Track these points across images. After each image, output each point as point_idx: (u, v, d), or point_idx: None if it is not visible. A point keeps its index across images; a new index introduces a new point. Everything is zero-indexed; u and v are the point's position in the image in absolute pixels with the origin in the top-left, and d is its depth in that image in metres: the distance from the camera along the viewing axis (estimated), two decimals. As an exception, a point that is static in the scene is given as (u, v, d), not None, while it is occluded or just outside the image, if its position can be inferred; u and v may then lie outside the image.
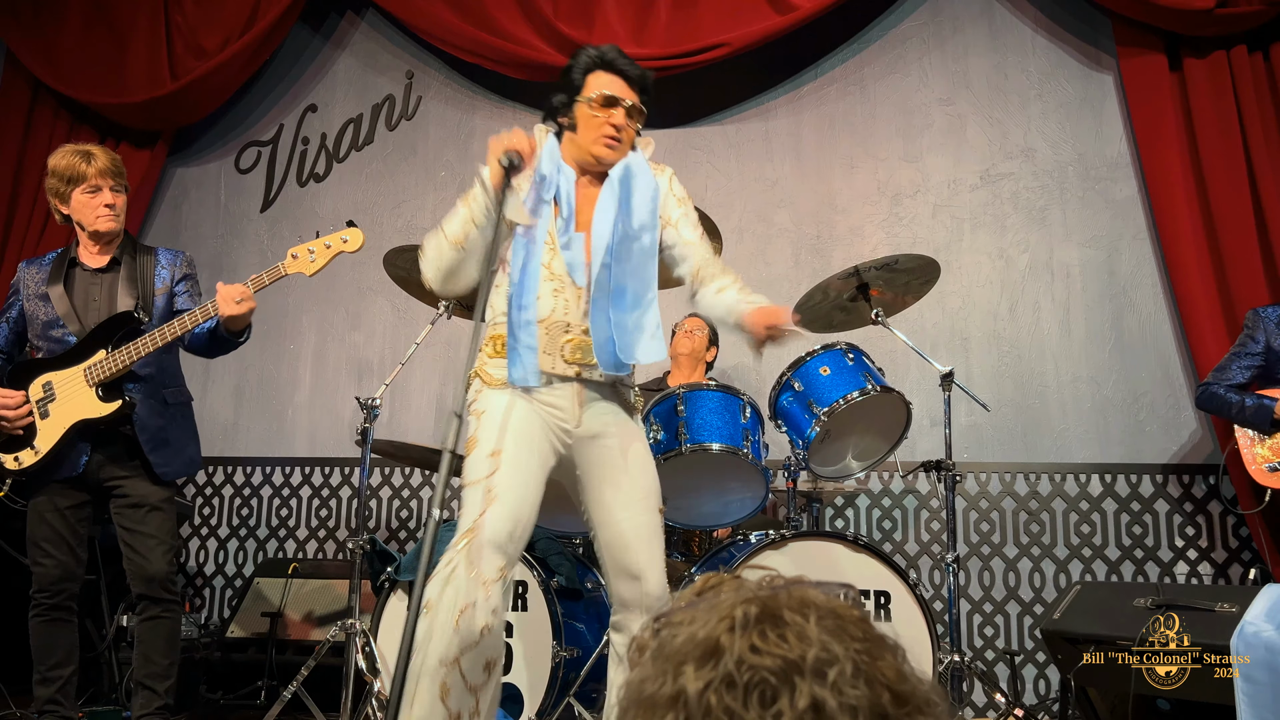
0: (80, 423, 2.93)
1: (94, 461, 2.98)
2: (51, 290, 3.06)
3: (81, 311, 3.04)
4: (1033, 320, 4.39)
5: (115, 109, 5.06)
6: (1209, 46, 4.21)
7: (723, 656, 0.66)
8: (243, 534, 4.92)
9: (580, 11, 4.71)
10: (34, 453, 2.94)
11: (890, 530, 4.36)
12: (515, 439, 2.20)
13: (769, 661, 0.65)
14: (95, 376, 2.94)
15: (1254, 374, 3.66)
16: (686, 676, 0.66)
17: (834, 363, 3.21)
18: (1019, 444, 4.31)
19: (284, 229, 5.13)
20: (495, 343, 2.29)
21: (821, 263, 4.53)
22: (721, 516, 3.33)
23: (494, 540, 2.09)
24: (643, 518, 2.29)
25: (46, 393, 2.97)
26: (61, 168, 3.04)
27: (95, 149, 3.08)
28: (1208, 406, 3.73)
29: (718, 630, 0.68)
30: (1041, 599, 4.17)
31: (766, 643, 0.66)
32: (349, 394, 4.86)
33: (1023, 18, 4.61)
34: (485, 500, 2.12)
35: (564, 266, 2.27)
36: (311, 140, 5.20)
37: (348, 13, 5.28)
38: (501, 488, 2.13)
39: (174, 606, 3.04)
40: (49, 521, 2.98)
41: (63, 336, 3.02)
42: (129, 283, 3.08)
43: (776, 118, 4.76)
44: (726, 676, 0.65)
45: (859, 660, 0.66)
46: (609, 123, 2.30)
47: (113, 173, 3.06)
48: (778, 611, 0.68)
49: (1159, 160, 4.21)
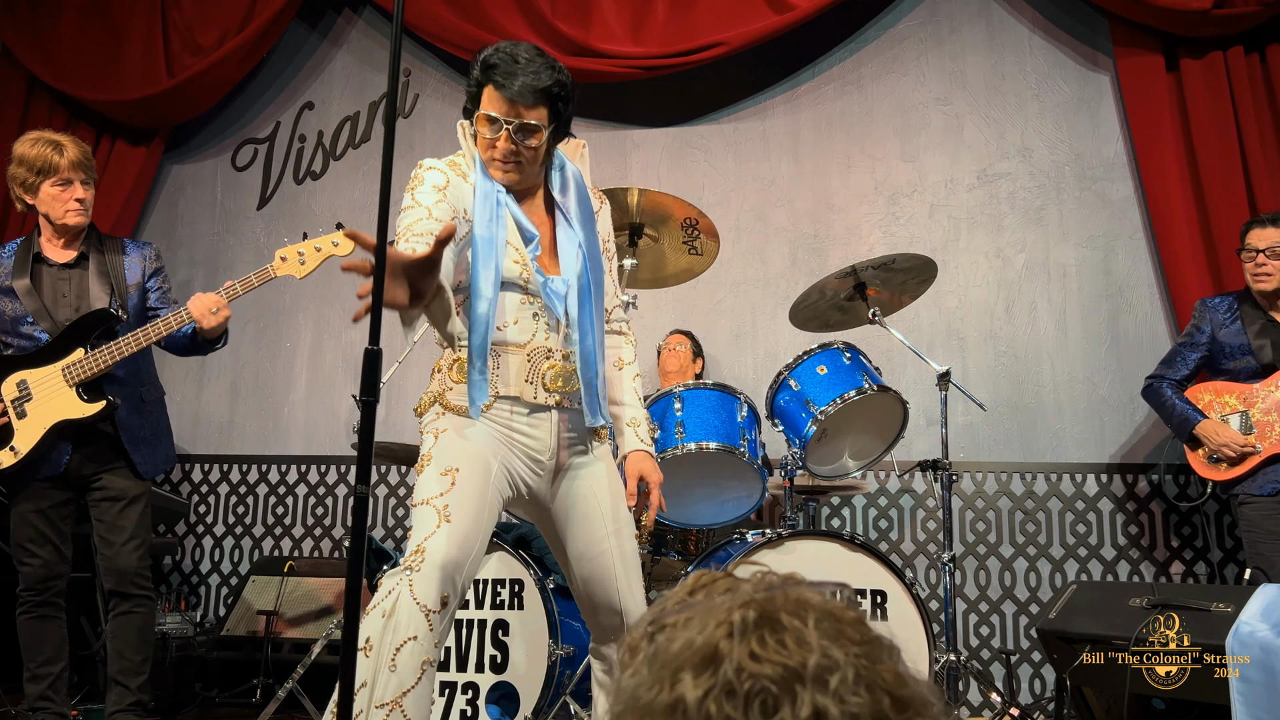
0: (62, 423, 2.90)
1: (75, 460, 2.96)
2: (17, 284, 2.99)
3: (52, 308, 2.99)
4: (1029, 320, 4.40)
5: (111, 105, 5.05)
6: (1206, 47, 4.22)
7: (722, 664, 0.65)
8: (238, 532, 4.91)
9: (577, 10, 4.71)
10: (13, 454, 2.90)
11: (886, 529, 4.36)
12: (473, 462, 2.02)
13: (769, 669, 0.64)
14: (75, 376, 2.90)
15: (1198, 364, 3.71)
16: (685, 684, 0.65)
17: (831, 362, 3.22)
18: (1015, 444, 4.32)
19: (280, 227, 5.12)
20: (463, 365, 2.09)
21: (818, 262, 4.53)
22: (718, 515, 3.33)
23: (442, 565, 1.88)
24: (621, 549, 2.18)
25: (22, 391, 2.92)
26: (31, 157, 2.96)
27: (65, 139, 3.01)
28: (1149, 401, 3.80)
29: (716, 636, 0.67)
30: (1037, 598, 4.18)
31: (766, 649, 0.65)
32: (345, 392, 4.86)
33: (1020, 18, 4.61)
34: (437, 520, 1.94)
35: (538, 288, 2.10)
36: (308, 138, 5.19)
37: (345, 10, 5.27)
38: (455, 510, 1.95)
39: (145, 601, 3.02)
40: (32, 522, 2.96)
41: (33, 333, 2.96)
42: (100, 278, 3.04)
43: (774, 117, 4.76)
44: (726, 685, 0.64)
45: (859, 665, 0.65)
46: (493, 145, 2.07)
47: (84, 165, 3.01)
48: (775, 615, 0.67)
49: (1155, 161, 4.22)
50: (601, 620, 2.21)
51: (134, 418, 3.03)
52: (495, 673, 3.05)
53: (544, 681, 2.97)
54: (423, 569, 1.89)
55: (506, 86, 2.03)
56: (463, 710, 3.04)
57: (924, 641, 2.97)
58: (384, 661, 1.84)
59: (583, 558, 2.17)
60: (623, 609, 2.17)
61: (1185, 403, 3.63)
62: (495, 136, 2.07)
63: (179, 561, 4.92)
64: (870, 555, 3.06)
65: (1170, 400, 3.66)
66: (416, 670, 1.85)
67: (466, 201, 2.10)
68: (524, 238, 2.11)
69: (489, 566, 3.12)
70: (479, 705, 3.04)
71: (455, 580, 1.91)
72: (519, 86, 2.02)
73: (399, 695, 1.84)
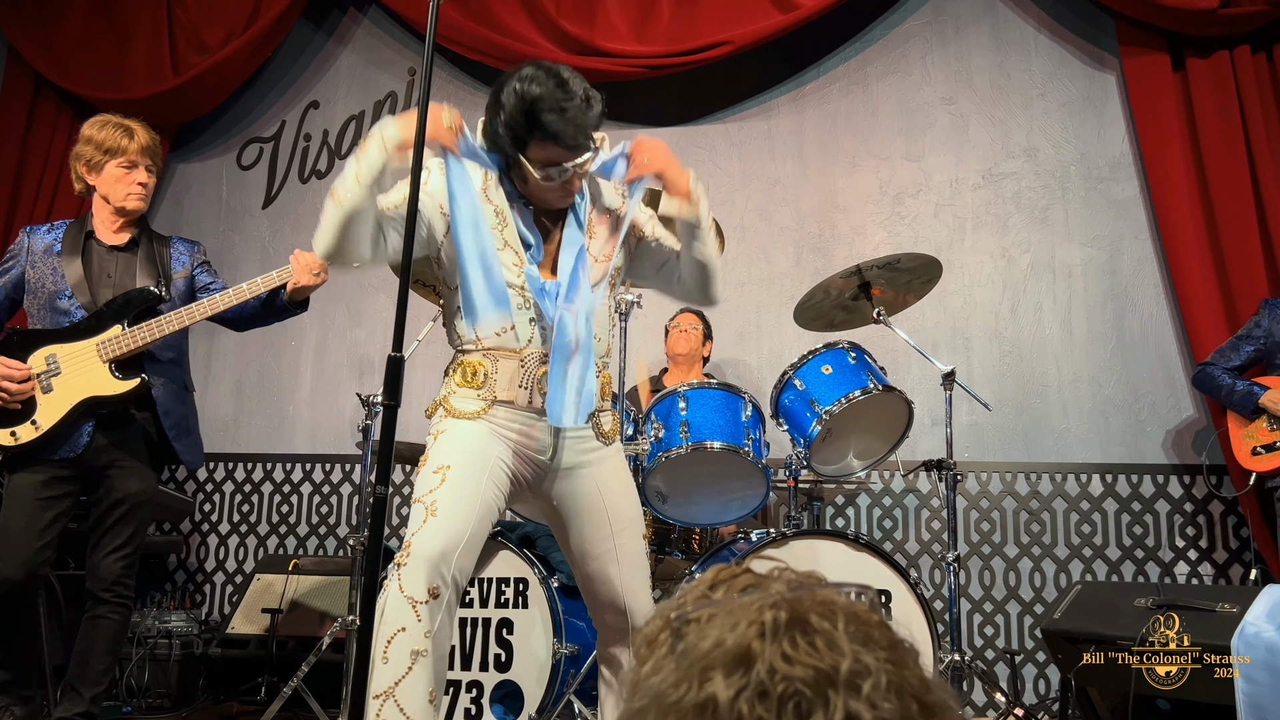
0: (90, 399, 2.80)
1: (95, 443, 2.84)
2: (65, 260, 2.93)
3: (95, 284, 2.93)
4: (1034, 320, 4.39)
5: (117, 104, 5.03)
6: (1212, 46, 4.21)
7: (754, 665, 0.64)
8: (243, 530, 4.92)
9: (583, 9, 4.71)
10: (35, 428, 2.78)
11: (891, 529, 4.36)
12: (466, 457, 2.07)
13: (801, 672, 0.63)
14: (109, 352, 2.82)
15: (1251, 358, 3.78)
16: (716, 684, 0.64)
17: (836, 361, 3.21)
18: (1020, 444, 4.32)
19: (286, 225, 5.13)
20: (464, 370, 2.13)
21: (823, 261, 4.53)
22: (722, 514, 3.33)
23: (427, 556, 1.94)
24: (622, 549, 2.18)
25: (50, 365, 2.82)
26: (101, 138, 2.95)
27: (136, 125, 3.01)
28: (1202, 386, 3.87)
29: (748, 636, 0.66)
30: (1042, 599, 4.18)
31: (798, 651, 0.64)
32: (350, 390, 4.86)
33: (1025, 17, 4.60)
34: (424, 516, 2.00)
35: (534, 293, 2.11)
36: (314, 137, 5.20)
37: (350, 9, 5.28)
38: (441, 504, 2.00)
39: (121, 609, 2.89)
40: (26, 509, 2.78)
41: (69, 308, 2.88)
42: (148, 262, 3.00)
43: (779, 116, 4.76)
44: (759, 686, 0.64)
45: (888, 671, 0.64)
46: (562, 184, 2.09)
47: (151, 152, 3.01)
48: (805, 616, 0.66)
49: (1161, 160, 4.21)
50: (607, 620, 2.22)
51: (177, 406, 2.95)
52: (499, 671, 3.06)
53: (548, 680, 2.97)
54: (409, 562, 1.95)
55: (563, 139, 2.02)
56: (467, 709, 3.04)
57: (928, 642, 2.97)
58: (378, 654, 1.92)
59: (586, 557, 2.19)
60: (627, 609, 2.18)
61: (1243, 380, 3.73)
62: (562, 179, 2.07)
63: (184, 559, 4.93)
64: (875, 555, 3.05)
65: (1227, 381, 3.75)
66: (407, 660, 1.91)
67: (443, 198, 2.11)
68: (524, 244, 2.13)
69: (493, 565, 3.13)
70: (483, 704, 3.04)
71: (443, 571, 1.95)
72: (573, 133, 2.03)
73: (391, 685, 1.90)
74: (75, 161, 2.99)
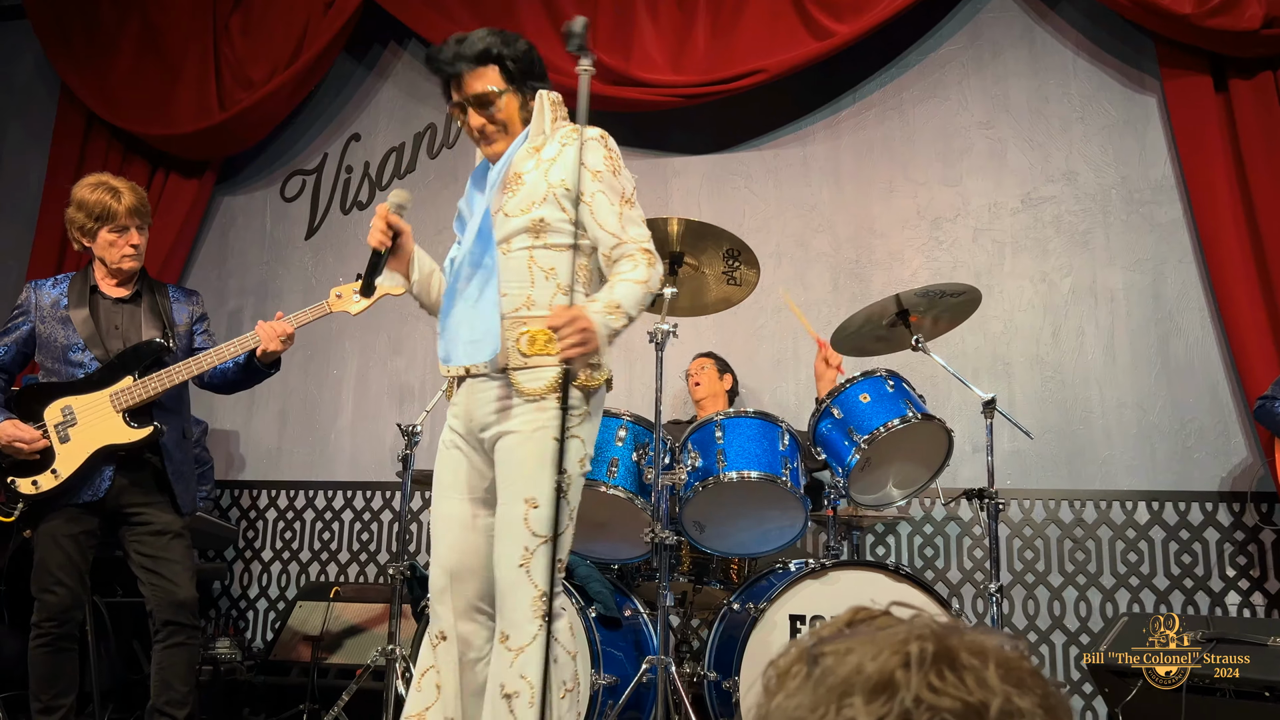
0: (107, 448, 2.93)
1: (116, 486, 2.95)
2: (74, 314, 3.04)
3: (104, 336, 3.04)
4: (1076, 345, 4.33)
5: (165, 140, 5.18)
6: (1255, 67, 4.15)
7: (898, 693, 0.63)
8: (285, 557, 4.97)
9: (618, 39, 4.75)
10: (54, 476, 2.90)
11: (932, 558, 4.31)
12: (442, 473, 2.25)
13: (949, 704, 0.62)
14: (123, 402, 2.94)
15: None
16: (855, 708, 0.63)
17: (874, 390, 3.19)
18: (1063, 471, 4.25)
19: (328, 256, 5.21)
20: None
21: (860, 287, 4.51)
22: (760, 544, 3.31)
23: (436, 594, 2.18)
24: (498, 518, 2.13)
25: (66, 417, 2.94)
26: (91, 203, 3.03)
27: (122, 185, 3.08)
28: (1264, 420, 3.73)
29: (891, 664, 0.64)
30: (1088, 629, 4.10)
31: (945, 683, 0.63)
32: (391, 419, 4.91)
33: (1064, 40, 4.57)
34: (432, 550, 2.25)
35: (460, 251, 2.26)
36: (355, 169, 5.28)
37: (390, 43, 5.37)
38: (434, 535, 2.21)
39: (196, 633, 3.05)
40: (63, 547, 2.92)
41: (84, 360, 3.00)
42: (152, 314, 3.12)
43: (815, 142, 4.76)
44: (903, 714, 0.62)
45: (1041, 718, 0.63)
46: (469, 126, 2.32)
47: (139, 212, 3.08)
48: (954, 653, 0.65)
49: (1205, 182, 4.15)
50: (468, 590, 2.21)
51: (178, 451, 3.06)
52: (538, 702, 3.05)
53: (586, 711, 2.96)
54: (430, 606, 2.22)
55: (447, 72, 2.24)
56: (505, 739, 3.04)
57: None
58: (414, 685, 2.23)
59: None
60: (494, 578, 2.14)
61: None
62: (465, 119, 2.29)
63: (227, 586, 4.99)
64: (915, 585, 3.02)
65: None
66: (433, 691, 2.17)
67: None
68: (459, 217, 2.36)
69: (531, 595, 3.12)
70: (522, 734, 3.03)
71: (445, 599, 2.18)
72: (437, 55, 2.23)
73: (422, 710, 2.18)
74: (70, 226, 3.10)
